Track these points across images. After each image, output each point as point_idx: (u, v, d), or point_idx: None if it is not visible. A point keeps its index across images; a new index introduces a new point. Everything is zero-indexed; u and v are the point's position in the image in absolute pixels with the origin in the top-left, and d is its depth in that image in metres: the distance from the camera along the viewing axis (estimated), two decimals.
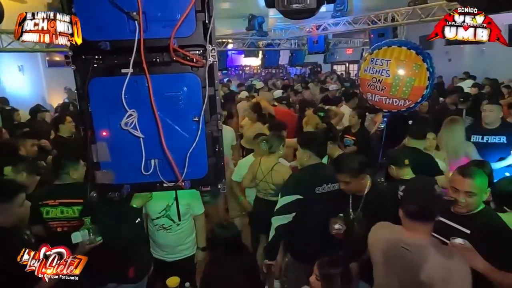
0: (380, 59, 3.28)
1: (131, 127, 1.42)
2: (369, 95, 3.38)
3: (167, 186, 1.52)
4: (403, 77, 3.12)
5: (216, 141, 1.53)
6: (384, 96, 3.22)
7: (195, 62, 1.41)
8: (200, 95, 1.46)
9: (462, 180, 1.95)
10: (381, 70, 3.21)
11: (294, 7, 2.42)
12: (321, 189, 2.69)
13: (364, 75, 3.39)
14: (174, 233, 2.89)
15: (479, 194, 1.94)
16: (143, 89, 1.43)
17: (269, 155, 3.41)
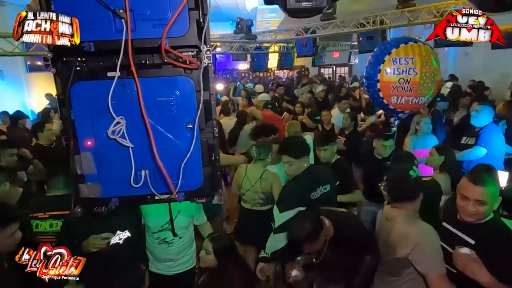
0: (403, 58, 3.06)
1: (118, 136, 1.30)
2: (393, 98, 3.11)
3: (159, 199, 1.40)
4: (429, 73, 3.00)
5: (212, 150, 1.42)
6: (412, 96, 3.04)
7: (189, 64, 1.30)
8: (194, 100, 1.35)
9: (473, 188, 1.79)
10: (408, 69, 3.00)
11: (304, 5, 2.34)
12: (315, 194, 2.59)
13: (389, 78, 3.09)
14: (176, 246, 2.72)
15: (491, 203, 1.80)
16: (131, 94, 1.31)
17: (256, 163, 3.28)
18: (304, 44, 8.92)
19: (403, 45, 3.10)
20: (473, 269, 1.75)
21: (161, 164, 1.30)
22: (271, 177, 3.18)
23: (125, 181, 1.36)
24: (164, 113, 1.34)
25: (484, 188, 1.77)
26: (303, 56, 9.71)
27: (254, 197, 3.21)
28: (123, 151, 1.33)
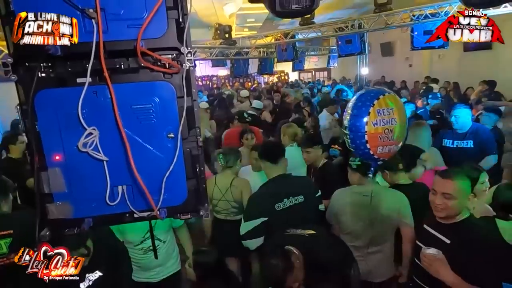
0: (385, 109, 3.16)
1: (91, 149, 1.16)
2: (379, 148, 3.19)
3: (139, 217, 1.27)
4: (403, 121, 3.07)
5: (196, 160, 1.30)
6: (393, 145, 3.11)
7: (169, 68, 1.18)
8: (175, 107, 1.23)
9: (440, 181, 1.85)
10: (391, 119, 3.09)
11: (294, 8, 2.33)
12: (281, 204, 2.46)
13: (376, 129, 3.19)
14: (162, 252, 2.68)
15: (460, 198, 1.80)
16: (104, 102, 1.18)
17: (225, 171, 3.17)
18: (284, 49, 8.92)
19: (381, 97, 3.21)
20: (436, 268, 1.80)
21: (140, 179, 1.18)
22: (241, 184, 3.08)
23: (100, 199, 1.22)
24: (142, 122, 1.21)
25: (451, 181, 1.80)
26: (283, 61, 9.71)
27: (227, 207, 3.10)
28: (96, 165, 1.19)
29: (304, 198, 2.52)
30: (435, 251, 1.83)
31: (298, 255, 1.92)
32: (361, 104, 3.30)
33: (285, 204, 2.46)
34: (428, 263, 1.84)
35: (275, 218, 2.41)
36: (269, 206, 2.44)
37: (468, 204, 1.88)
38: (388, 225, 2.51)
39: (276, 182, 2.54)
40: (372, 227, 2.50)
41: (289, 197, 2.48)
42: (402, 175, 2.77)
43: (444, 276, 1.79)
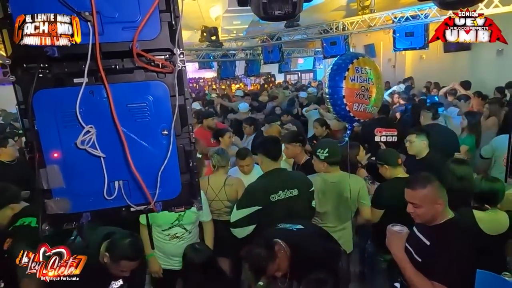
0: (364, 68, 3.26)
1: (89, 146, 1.22)
2: (355, 105, 3.31)
3: (136, 211, 1.33)
4: (380, 85, 3.17)
5: (189, 156, 1.37)
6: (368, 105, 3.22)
7: (162, 68, 1.25)
8: (168, 105, 1.30)
9: (407, 191, 1.83)
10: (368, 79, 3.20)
11: (277, 13, 2.45)
12: (276, 196, 2.55)
13: (353, 85, 3.28)
14: (186, 241, 2.76)
15: (426, 205, 1.76)
16: (101, 101, 1.24)
17: (217, 171, 3.22)
18: (270, 51, 9.04)
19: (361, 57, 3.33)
20: (393, 242, 1.86)
21: (137, 174, 1.24)
22: (235, 183, 3.14)
23: (97, 194, 1.28)
24: (137, 120, 1.28)
25: (412, 191, 1.79)
26: (270, 62, 9.83)
27: (220, 207, 3.15)
28: (94, 162, 1.25)
29: (298, 192, 2.63)
30: (399, 228, 1.89)
31: (283, 247, 2.01)
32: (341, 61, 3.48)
33: (280, 196, 2.56)
34: (388, 237, 1.89)
35: (269, 208, 2.50)
36: (264, 196, 2.53)
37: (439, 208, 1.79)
38: (350, 206, 2.83)
39: (273, 174, 2.65)
40: (338, 209, 2.81)
41: (284, 189, 2.58)
42: (400, 169, 2.91)
43: (394, 251, 1.84)
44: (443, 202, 1.79)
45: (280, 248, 2.00)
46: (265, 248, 1.98)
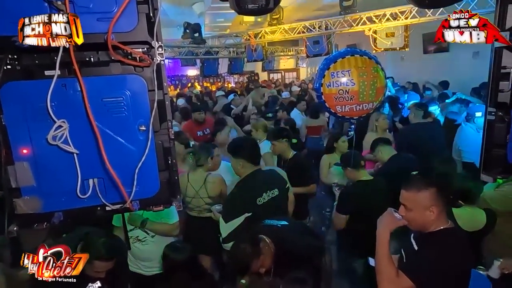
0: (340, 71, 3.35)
1: (61, 141, 1.16)
2: (338, 108, 3.42)
3: (111, 210, 1.28)
4: (367, 82, 3.21)
5: (168, 153, 1.33)
6: (354, 104, 3.29)
7: (140, 62, 1.21)
8: (146, 100, 1.25)
9: (402, 191, 1.75)
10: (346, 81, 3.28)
11: (250, 7, 2.42)
12: (261, 199, 2.48)
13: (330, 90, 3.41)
14: (150, 245, 2.62)
15: (416, 210, 1.68)
16: (74, 95, 1.19)
17: (197, 169, 3.15)
18: (254, 49, 9.01)
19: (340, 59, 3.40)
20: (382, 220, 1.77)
21: (113, 171, 1.19)
22: (217, 180, 3.10)
23: (70, 192, 1.22)
24: (113, 114, 1.23)
25: (405, 192, 1.72)
26: (253, 61, 9.79)
27: (199, 204, 3.10)
28: (66, 158, 1.19)
29: (278, 191, 2.58)
30: (398, 215, 1.78)
31: (268, 243, 1.99)
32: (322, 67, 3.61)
33: (264, 198, 2.49)
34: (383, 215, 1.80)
35: (257, 213, 2.40)
36: (252, 201, 2.44)
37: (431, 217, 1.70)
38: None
39: (255, 177, 2.55)
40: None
41: (267, 191, 2.52)
42: (363, 172, 2.87)
43: (380, 229, 1.77)
44: (437, 211, 1.67)
45: (265, 244, 1.98)
46: (250, 244, 1.95)
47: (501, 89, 1.45)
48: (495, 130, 1.48)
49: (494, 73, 1.48)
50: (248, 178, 2.54)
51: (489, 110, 1.49)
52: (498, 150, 1.49)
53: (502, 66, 1.44)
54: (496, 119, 1.47)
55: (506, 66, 1.43)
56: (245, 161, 2.54)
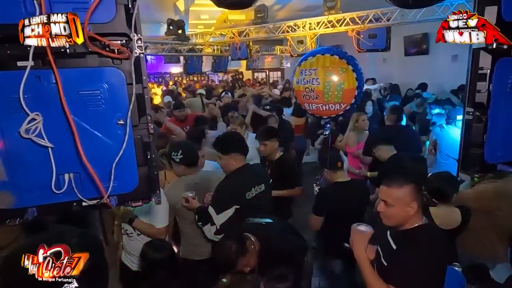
0: (308, 70, 3.36)
1: (34, 135, 1.12)
2: (306, 105, 3.45)
3: (87, 205, 1.24)
4: (333, 83, 3.20)
5: (147, 148, 1.30)
6: (320, 104, 3.29)
7: (118, 54, 1.18)
8: (125, 93, 1.23)
9: (382, 188, 1.77)
10: (311, 80, 3.29)
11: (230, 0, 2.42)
12: (250, 194, 2.51)
13: (298, 87, 3.44)
14: (135, 242, 2.56)
15: (397, 206, 1.69)
16: (49, 87, 1.15)
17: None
18: (238, 48, 8.97)
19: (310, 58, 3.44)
20: (355, 241, 1.82)
21: (89, 165, 1.16)
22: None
23: (45, 187, 1.18)
24: (89, 108, 1.20)
25: (387, 188, 1.73)
26: (237, 59, 9.75)
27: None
28: (40, 152, 1.15)
29: (264, 186, 2.61)
30: (364, 228, 1.84)
31: (254, 242, 1.98)
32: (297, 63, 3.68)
33: (252, 193, 2.51)
34: (352, 237, 1.85)
35: (245, 207, 2.43)
36: (240, 195, 2.45)
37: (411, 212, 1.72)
38: None
39: (243, 172, 2.55)
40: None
41: (255, 186, 2.54)
42: (340, 173, 2.86)
43: (357, 251, 1.80)
44: (416, 207, 1.70)
45: (250, 243, 1.96)
46: (236, 242, 1.93)
47: (479, 89, 1.49)
48: (473, 130, 1.52)
49: (472, 74, 1.51)
50: (238, 171, 2.54)
51: (467, 110, 1.53)
52: (476, 149, 1.53)
53: (479, 67, 1.48)
54: (474, 119, 1.51)
55: (483, 67, 1.46)
56: (237, 154, 2.53)
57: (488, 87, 1.49)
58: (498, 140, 1.57)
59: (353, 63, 3.22)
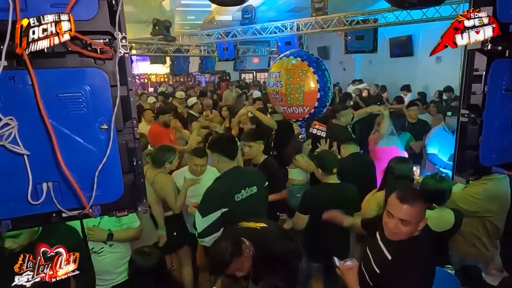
0: (274, 72, 3.35)
1: (8, 141, 1.03)
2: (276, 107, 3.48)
3: (68, 216, 1.15)
4: (293, 85, 3.16)
5: (132, 154, 1.22)
6: (285, 106, 3.27)
7: (101, 53, 1.09)
8: (109, 96, 1.14)
9: (398, 205, 1.67)
10: (276, 82, 3.28)
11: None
12: (240, 196, 2.49)
13: (269, 89, 3.46)
14: (108, 255, 2.43)
15: (415, 223, 1.66)
16: (24, 89, 1.05)
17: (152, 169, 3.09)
18: (225, 48, 8.90)
19: (278, 60, 3.44)
20: (347, 278, 1.88)
21: (69, 173, 1.07)
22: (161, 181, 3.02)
23: (21, 198, 1.09)
24: (69, 112, 1.10)
25: (409, 206, 1.65)
26: (225, 60, 9.67)
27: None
28: (15, 160, 1.06)
29: (257, 189, 2.57)
30: (350, 263, 1.89)
31: (248, 246, 1.93)
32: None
33: (242, 195, 2.49)
34: (343, 275, 1.91)
35: (234, 209, 2.40)
36: (229, 197, 2.43)
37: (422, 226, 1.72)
38: None
39: (233, 173, 2.53)
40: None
41: (245, 188, 2.51)
42: (333, 177, 2.83)
43: (351, 286, 1.86)
44: (424, 222, 1.71)
45: (246, 247, 1.91)
46: (232, 244, 1.86)
47: (474, 91, 1.46)
48: (468, 132, 1.49)
49: (467, 76, 1.49)
50: (228, 173, 2.53)
51: (462, 112, 1.50)
52: (471, 152, 1.50)
53: (474, 69, 1.45)
54: (469, 121, 1.48)
55: (478, 68, 1.44)
56: (220, 155, 2.53)
57: (483, 88, 1.46)
58: (493, 142, 1.55)
59: (315, 65, 3.16)
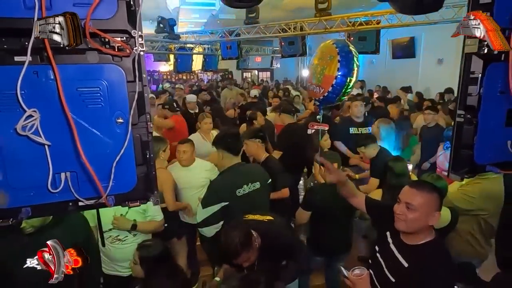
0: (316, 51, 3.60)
1: (31, 132, 1.09)
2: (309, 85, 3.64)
3: (84, 205, 1.22)
4: (320, 66, 3.32)
5: (146, 147, 1.29)
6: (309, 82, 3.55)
7: (119, 51, 1.16)
8: (125, 91, 1.21)
9: (406, 189, 1.70)
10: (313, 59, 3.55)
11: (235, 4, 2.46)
12: (241, 190, 2.56)
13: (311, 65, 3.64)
14: (131, 244, 2.52)
15: (421, 211, 1.63)
16: (46, 83, 1.12)
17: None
18: (229, 47, 8.96)
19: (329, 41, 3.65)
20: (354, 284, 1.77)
21: (88, 165, 1.14)
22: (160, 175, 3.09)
23: (40, 187, 1.15)
24: (88, 105, 1.17)
25: (416, 191, 1.66)
26: (228, 58, 9.73)
27: None
28: (36, 150, 1.12)
29: (260, 184, 2.65)
30: (359, 272, 1.79)
31: (256, 237, 2.00)
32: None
33: (244, 190, 2.56)
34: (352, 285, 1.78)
35: (235, 203, 2.48)
36: (230, 191, 2.51)
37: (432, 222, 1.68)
38: None
39: (236, 169, 2.62)
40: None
41: (248, 183, 2.58)
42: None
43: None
44: (436, 219, 1.67)
45: (254, 239, 1.98)
46: (242, 234, 1.91)
47: (470, 93, 1.53)
48: (464, 132, 1.56)
49: (464, 78, 1.55)
50: (231, 168, 2.62)
51: (459, 112, 1.57)
52: (466, 151, 1.57)
53: (471, 71, 1.52)
54: (465, 121, 1.54)
55: (474, 71, 1.50)
56: (224, 151, 2.62)
57: (479, 90, 1.53)
58: (488, 142, 1.61)
59: (344, 55, 3.25)
